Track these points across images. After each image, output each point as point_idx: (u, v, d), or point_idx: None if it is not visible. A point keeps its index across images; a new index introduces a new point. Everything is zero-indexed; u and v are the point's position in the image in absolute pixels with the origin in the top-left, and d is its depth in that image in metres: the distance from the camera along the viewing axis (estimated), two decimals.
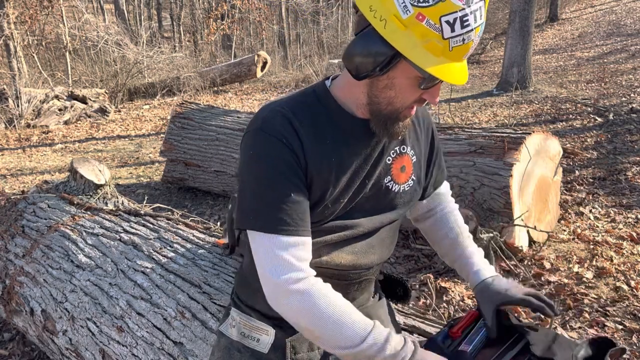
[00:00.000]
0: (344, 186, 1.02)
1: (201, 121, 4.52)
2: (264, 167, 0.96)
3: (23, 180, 5.44)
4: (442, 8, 0.83)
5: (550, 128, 5.66)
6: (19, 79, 8.65)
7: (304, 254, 0.97)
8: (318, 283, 0.96)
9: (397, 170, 1.09)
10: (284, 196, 0.95)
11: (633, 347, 2.02)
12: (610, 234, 3.04)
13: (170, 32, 19.47)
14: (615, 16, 13.81)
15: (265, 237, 0.95)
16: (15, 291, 2.03)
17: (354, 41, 0.92)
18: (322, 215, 1.02)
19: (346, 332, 0.93)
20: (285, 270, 0.94)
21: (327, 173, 1.00)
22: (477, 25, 0.87)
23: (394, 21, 0.86)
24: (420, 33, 0.86)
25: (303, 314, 0.94)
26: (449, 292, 2.49)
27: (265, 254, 0.96)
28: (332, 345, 0.95)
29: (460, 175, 2.88)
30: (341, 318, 0.93)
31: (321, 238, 1.04)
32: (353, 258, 1.09)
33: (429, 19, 0.84)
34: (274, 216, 0.95)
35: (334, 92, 1.04)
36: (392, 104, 0.96)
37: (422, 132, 1.16)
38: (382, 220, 1.10)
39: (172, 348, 1.46)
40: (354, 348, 0.92)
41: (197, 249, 1.84)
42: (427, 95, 0.96)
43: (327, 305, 0.94)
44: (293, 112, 1.00)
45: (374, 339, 0.93)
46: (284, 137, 0.96)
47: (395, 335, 0.95)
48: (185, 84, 10.16)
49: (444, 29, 0.85)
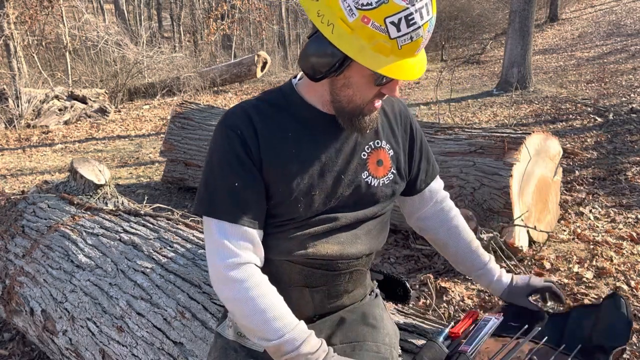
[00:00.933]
0: (313, 178, 1.04)
1: (201, 121, 4.52)
2: (217, 157, 1.02)
3: (23, 180, 5.44)
4: (385, 10, 0.85)
5: (550, 128, 5.66)
6: (19, 79, 8.65)
7: (245, 244, 1.00)
8: (255, 274, 1.00)
9: (374, 165, 1.11)
10: (231, 185, 1.00)
11: (633, 347, 2.02)
12: (610, 234, 3.04)
13: (170, 32, 19.46)
14: (615, 16, 13.80)
15: (212, 223, 1.01)
16: (15, 291, 2.03)
17: (307, 44, 0.94)
18: (296, 209, 1.04)
19: (269, 325, 0.97)
20: (224, 256, 0.99)
21: (289, 165, 1.02)
22: (425, 22, 0.88)
23: (341, 25, 0.88)
24: (366, 35, 0.87)
25: (235, 301, 0.99)
26: (449, 292, 2.49)
27: (210, 238, 1.01)
28: (255, 335, 0.99)
29: (460, 175, 2.88)
30: (267, 310, 0.97)
31: (305, 231, 1.06)
32: (339, 248, 1.10)
33: (374, 21, 0.86)
34: (219, 203, 1.00)
35: (300, 90, 1.07)
36: (353, 101, 0.99)
37: (398, 126, 1.17)
38: (366, 214, 1.12)
39: (172, 348, 1.46)
40: (273, 341, 0.96)
41: (197, 249, 1.84)
42: (385, 90, 0.98)
43: (258, 296, 0.98)
44: (256, 107, 1.04)
45: (293, 336, 0.97)
46: (238, 129, 1.00)
47: (314, 337, 0.99)
48: (185, 84, 10.16)
49: (389, 30, 0.86)
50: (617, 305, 1.16)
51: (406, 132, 1.19)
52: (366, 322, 1.17)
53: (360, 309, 1.20)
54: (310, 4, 0.91)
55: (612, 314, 1.15)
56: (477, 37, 14.23)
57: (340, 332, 1.14)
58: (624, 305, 1.15)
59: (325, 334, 1.14)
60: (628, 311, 1.14)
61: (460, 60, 12.09)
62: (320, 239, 1.08)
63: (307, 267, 1.09)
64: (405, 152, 1.19)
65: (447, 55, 12.97)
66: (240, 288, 0.98)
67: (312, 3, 0.91)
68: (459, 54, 13.39)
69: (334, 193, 1.07)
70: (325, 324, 1.16)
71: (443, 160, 2.93)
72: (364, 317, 1.18)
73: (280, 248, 1.08)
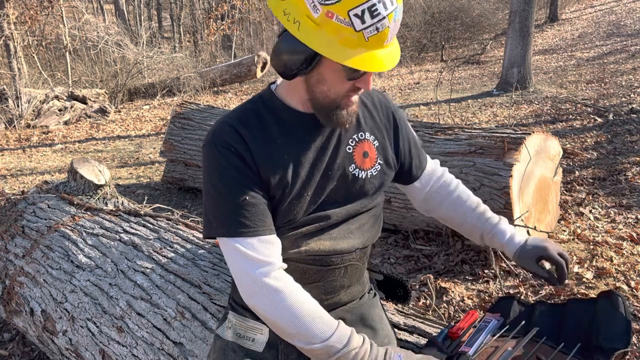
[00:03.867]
0: (304, 179, 1.05)
1: (201, 121, 4.52)
2: (218, 176, 1.01)
3: (23, 180, 5.44)
4: (348, 3, 0.85)
5: (550, 128, 5.66)
6: (19, 79, 8.65)
7: (270, 251, 1.01)
8: (289, 281, 1.01)
9: (360, 157, 1.11)
10: (240, 201, 1.00)
11: (633, 347, 2.02)
12: (610, 234, 3.04)
13: (170, 32, 19.46)
14: (615, 16, 13.81)
15: (231, 242, 1.00)
16: (15, 291, 2.03)
17: (277, 43, 0.95)
18: (291, 212, 1.05)
19: (313, 329, 0.97)
20: (254, 267, 0.98)
21: (282, 171, 1.03)
22: (390, 12, 0.88)
23: (307, 22, 0.89)
24: (332, 29, 0.88)
25: (273, 309, 0.98)
26: (449, 292, 2.49)
27: (233, 256, 1.00)
28: (301, 340, 0.99)
29: (460, 176, 2.88)
30: (309, 315, 0.98)
31: (298, 230, 1.07)
32: (332, 243, 1.11)
33: (338, 15, 0.86)
34: (233, 221, 1.00)
35: (279, 93, 1.07)
36: (328, 96, 0.99)
37: (380, 117, 1.18)
38: (356, 208, 1.13)
39: (172, 348, 1.46)
40: (321, 344, 0.97)
41: (197, 249, 1.84)
42: (359, 83, 0.98)
43: (296, 302, 0.98)
44: (239, 120, 1.04)
45: (340, 335, 0.97)
46: (231, 146, 1.00)
47: (355, 333, 1.00)
48: (185, 84, 10.16)
49: (354, 23, 0.87)
50: (614, 304, 1.15)
51: (389, 122, 1.20)
52: (365, 324, 1.18)
53: (359, 310, 1.20)
54: (277, 3, 0.92)
55: (610, 313, 1.14)
56: (477, 37, 14.22)
57: None
58: (621, 305, 1.14)
59: None
60: (626, 311, 1.13)
61: (460, 60, 12.09)
62: (313, 237, 1.09)
63: (301, 263, 1.10)
64: (391, 142, 1.19)
65: (447, 56, 12.97)
66: (280, 296, 0.98)
67: (278, 2, 0.92)
68: (458, 54, 13.38)
69: (322, 189, 1.07)
70: None
71: (443, 160, 2.93)
72: (363, 318, 1.18)
73: None
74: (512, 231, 1.23)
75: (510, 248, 1.21)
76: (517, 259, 1.20)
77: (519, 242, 1.20)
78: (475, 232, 1.27)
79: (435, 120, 6.28)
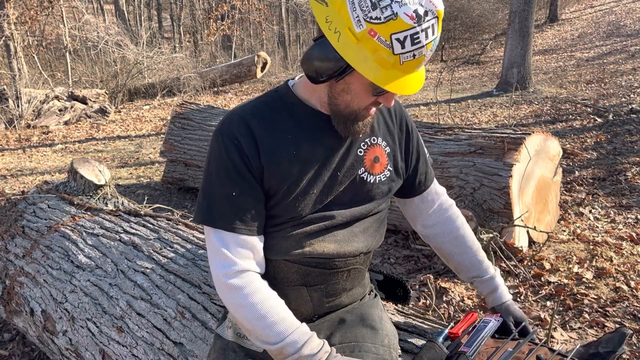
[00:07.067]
0: (312, 177, 1.05)
1: (201, 121, 4.52)
2: (215, 166, 1.04)
3: (23, 180, 5.44)
4: (393, 26, 0.86)
5: (550, 128, 5.66)
6: (19, 79, 8.65)
7: (244, 251, 1.03)
8: (255, 280, 1.02)
9: (370, 161, 1.12)
10: (228, 194, 1.02)
11: (633, 347, 2.02)
12: (610, 235, 3.04)
13: (170, 32, 19.47)
14: (615, 17, 13.81)
15: (212, 232, 1.03)
16: (15, 291, 2.03)
17: (312, 47, 0.96)
18: (295, 208, 1.05)
19: (270, 329, 0.99)
20: (224, 265, 1.01)
21: (290, 165, 1.04)
22: (429, 42, 0.90)
23: (348, 34, 0.89)
24: (371, 48, 0.89)
25: (236, 307, 1.01)
26: (449, 292, 2.49)
27: (210, 247, 1.04)
28: (258, 339, 1.02)
29: (460, 176, 2.88)
30: (268, 315, 1.00)
31: (302, 229, 1.07)
32: (336, 246, 1.11)
33: (380, 36, 0.87)
34: (217, 212, 1.02)
35: (297, 90, 1.08)
36: (350, 106, 1.00)
37: (394, 125, 1.19)
38: (362, 212, 1.13)
39: (172, 348, 1.46)
40: (275, 345, 0.99)
41: (197, 249, 1.84)
42: (382, 99, 1.00)
43: (258, 301, 1.00)
44: (252, 112, 1.05)
45: (294, 339, 0.99)
46: (235, 138, 1.02)
47: (315, 339, 1.01)
48: (185, 85, 10.17)
49: (394, 46, 0.88)
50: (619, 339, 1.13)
51: (402, 130, 1.20)
52: (365, 324, 1.18)
53: (360, 310, 1.20)
54: (320, 8, 0.92)
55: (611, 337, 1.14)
56: (476, 37, 14.24)
57: (339, 333, 1.14)
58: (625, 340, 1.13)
59: (325, 334, 1.14)
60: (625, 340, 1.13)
61: (460, 60, 12.09)
62: (317, 237, 1.09)
63: (304, 265, 1.10)
64: (402, 150, 1.20)
65: (446, 56, 12.98)
66: (240, 295, 1.00)
67: (322, 8, 0.92)
68: (458, 54, 13.39)
69: (330, 189, 1.08)
70: (324, 325, 1.16)
71: (443, 160, 2.93)
72: (363, 318, 1.18)
73: (277, 248, 1.08)
74: (502, 287, 1.28)
75: (495, 301, 1.27)
76: (499, 312, 1.26)
77: (504, 301, 1.26)
78: (468, 274, 1.31)
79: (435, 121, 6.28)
